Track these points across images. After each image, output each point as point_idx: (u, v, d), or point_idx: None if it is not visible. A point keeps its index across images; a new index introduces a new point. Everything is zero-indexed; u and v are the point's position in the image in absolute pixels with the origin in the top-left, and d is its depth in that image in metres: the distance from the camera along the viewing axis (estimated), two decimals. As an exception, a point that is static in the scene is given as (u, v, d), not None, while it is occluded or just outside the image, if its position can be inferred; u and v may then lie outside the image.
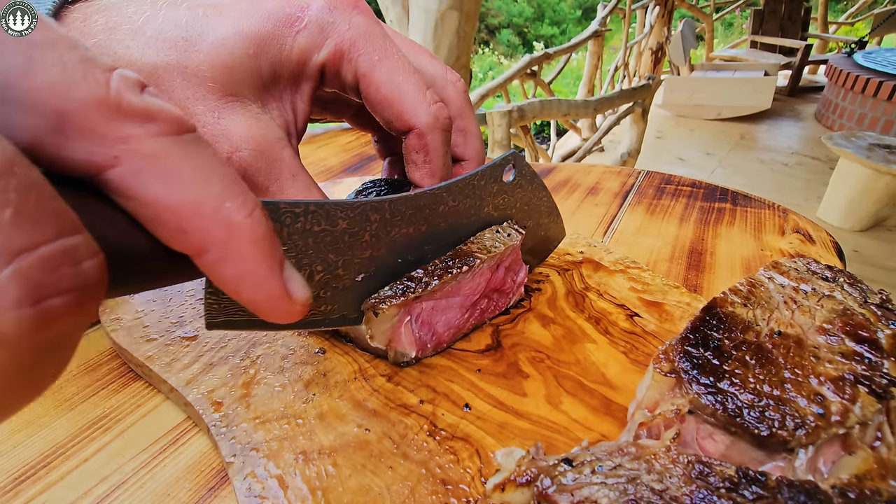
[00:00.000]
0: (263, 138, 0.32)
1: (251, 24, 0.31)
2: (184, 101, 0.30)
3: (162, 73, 0.30)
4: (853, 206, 2.92)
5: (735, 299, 0.35)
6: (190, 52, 0.30)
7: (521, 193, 0.43)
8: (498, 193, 0.41)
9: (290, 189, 0.33)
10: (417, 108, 0.33)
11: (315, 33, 0.32)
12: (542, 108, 2.86)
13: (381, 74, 0.33)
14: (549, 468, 0.26)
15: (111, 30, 0.30)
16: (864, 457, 0.25)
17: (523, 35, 11.90)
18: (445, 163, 0.36)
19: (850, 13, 7.96)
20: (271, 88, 0.33)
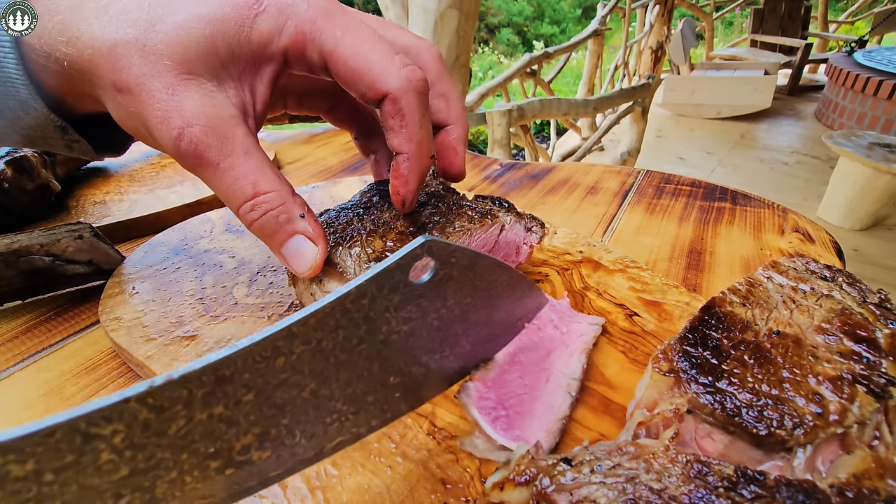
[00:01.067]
0: (216, 115, 0.32)
1: (209, 7, 0.32)
2: (140, 77, 0.31)
3: (120, 49, 0.31)
4: (853, 206, 2.92)
5: (734, 299, 0.35)
6: (149, 31, 0.31)
7: (453, 286, 0.29)
8: (403, 304, 0.26)
9: (242, 166, 0.33)
10: (388, 73, 0.33)
11: (275, 16, 0.32)
12: (541, 108, 2.86)
13: (347, 48, 0.33)
14: (549, 467, 0.26)
15: (76, 8, 0.31)
16: (863, 456, 0.25)
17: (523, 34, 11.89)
18: (423, 126, 0.35)
19: (851, 12, 7.95)
20: (229, 68, 0.33)
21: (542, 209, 0.69)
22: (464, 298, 0.30)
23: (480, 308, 0.31)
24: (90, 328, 0.47)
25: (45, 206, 0.66)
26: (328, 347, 0.24)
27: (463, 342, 0.31)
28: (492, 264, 0.31)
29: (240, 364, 0.21)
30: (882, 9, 6.77)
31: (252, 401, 0.22)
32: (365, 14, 0.38)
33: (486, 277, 0.31)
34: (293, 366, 0.23)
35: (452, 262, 0.28)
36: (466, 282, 0.29)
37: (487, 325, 0.33)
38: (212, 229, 0.58)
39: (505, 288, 0.32)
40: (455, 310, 0.29)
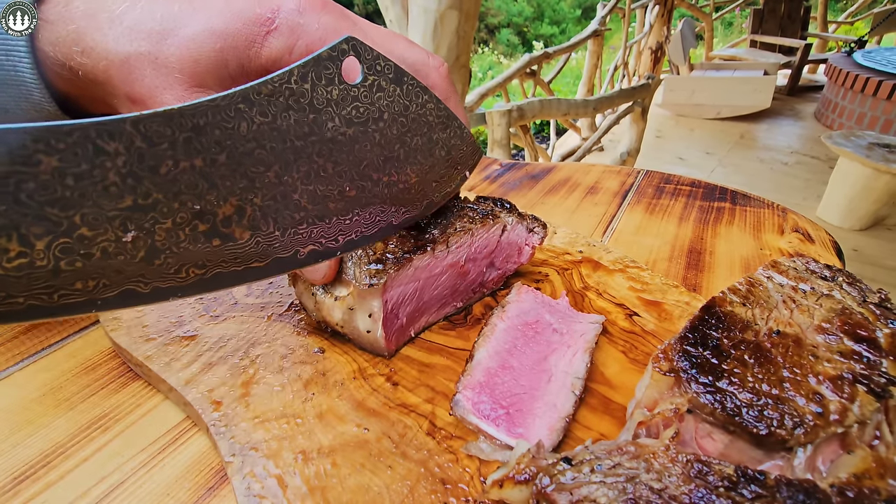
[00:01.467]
0: None
1: (220, 22, 0.32)
2: (152, 90, 0.32)
3: (134, 61, 0.32)
4: (853, 206, 2.92)
5: (734, 298, 0.35)
6: (162, 44, 0.32)
7: (385, 100, 0.32)
8: (342, 102, 0.31)
9: None
10: None
11: (286, 35, 0.33)
12: (541, 108, 2.85)
13: None
14: (549, 467, 0.26)
15: (90, 17, 0.32)
16: (863, 456, 0.25)
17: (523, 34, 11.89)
18: None
19: (850, 12, 7.96)
20: (238, 82, 0.33)
21: (542, 209, 0.69)
22: (398, 117, 0.34)
23: (416, 135, 0.35)
24: (90, 328, 0.47)
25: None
26: (283, 127, 0.29)
27: (408, 170, 0.35)
28: (418, 86, 0.34)
29: (210, 116, 0.26)
30: (881, 9, 6.78)
31: (225, 163, 0.27)
32: (376, 28, 0.39)
33: (416, 101, 0.35)
34: (255, 137, 0.28)
35: (378, 69, 0.32)
36: (397, 99, 0.33)
37: (427, 157, 0.37)
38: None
39: (437, 121, 0.36)
40: (392, 129, 0.34)
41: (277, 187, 0.29)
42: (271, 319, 0.43)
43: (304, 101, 0.29)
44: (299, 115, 0.29)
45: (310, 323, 0.43)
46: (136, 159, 0.24)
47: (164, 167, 0.25)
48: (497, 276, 0.47)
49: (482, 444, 0.32)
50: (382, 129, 0.33)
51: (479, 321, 0.44)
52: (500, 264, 0.47)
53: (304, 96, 0.29)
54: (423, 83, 0.35)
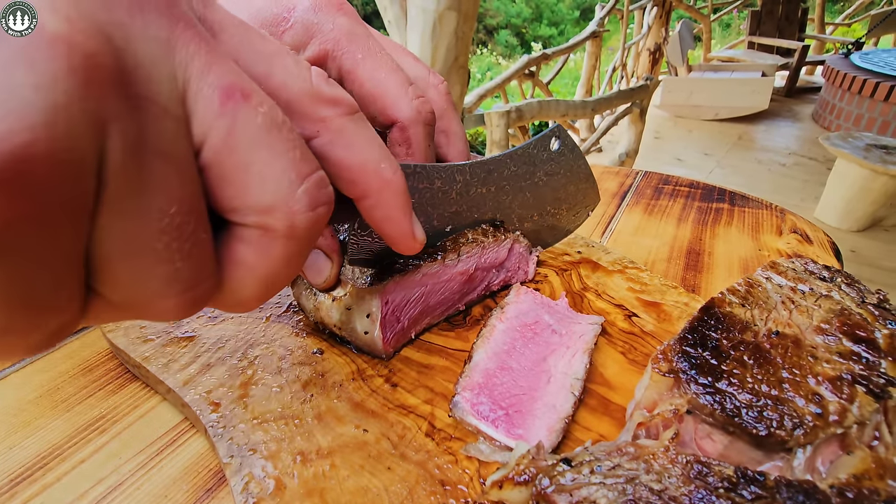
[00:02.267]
0: None
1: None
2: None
3: None
4: (850, 207, 2.93)
5: (733, 299, 0.35)
6: None
7: (565, 161, 0.48)
8: (546, 161, 0.46)
9: None
10: (400, 103, 0.34)
11: (300, 33, 0.33)
12: (540, 109, 2.86)
13: (365, 71, 0.34)
14: (548, 468, 0.26)
15: None
16: (862, 456, 0.25)
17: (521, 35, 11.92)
18: (427, 156, 0.37)
19: (847, 14, 7.99)
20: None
21: (541, 210, 0.69)
22: (566, 172, 0.48)
23: (570, 183, 0.50)
24: (88, 329, 0.47)
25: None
26: (515, 171, 0.44)
27: (562, 207, 0.51)
28: (579, 153, 0.49)
29: (490, 166, 0.42)
30: (878, 11, 6.81)
31: (485, 193, 0.43)
32: (386, 39, 0.39)
33: (577, 162, 0.49)
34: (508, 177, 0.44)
35: (567, 144, 0.47)
36: (569, 161, 0.48)
37: (574, 199, 0.51)
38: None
39: (583, 175, 0.50)
40: (563, 179, 0.49)
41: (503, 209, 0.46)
42: (270, 321, 0.43)
43: (532, 158, 0.45)
44: (527, 167, 0.45)
45: (308, 324, 0.43)
46: (465, 185, 0.41)
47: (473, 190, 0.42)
48: (501, 282, 0.48)
49: (481, 445, 0.32)
50: (557, 180, 0.48)
51: (478, 322, 0.44)
52: (505, 275, 0.48)
53: (531, 156, 0.45)
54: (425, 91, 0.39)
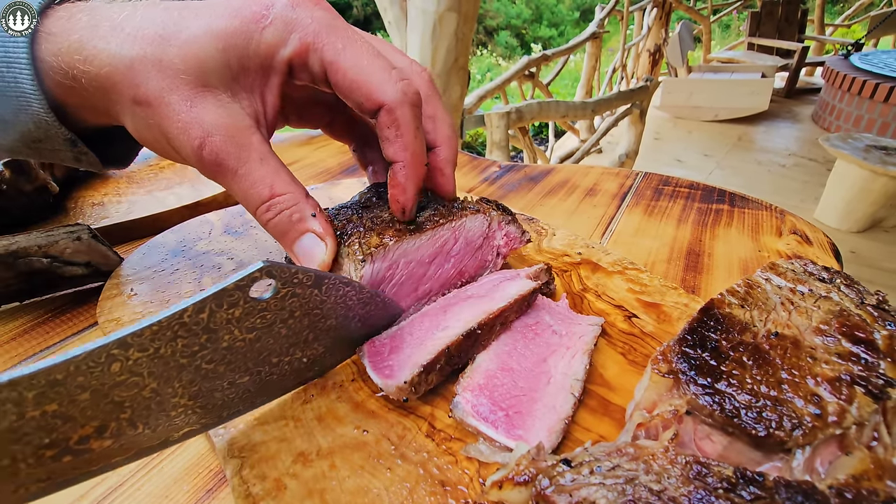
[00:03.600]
0: (233, 125, 0.34)
1: (220, 22, 0.33)
2: (159, 91, 0.33)
3: (138, 65, 0.32)
4: (850, 208, 2.93)
5: (732, 300, 0.35)
6: (165, 46, 0.32)
7: (300, 301, 0.31)
8: (245, 317, 0.29)
9: (259, 171, 0.35)
10: (385, 86, 0.35)
11: (280, 29, 0.34)
12: (540, 110, 2.86)
13: (347, 60, 0.35)
14: (548, 468, 0.26)
15: (93, 27, 0.33)
16: (861, 457, 0.25)
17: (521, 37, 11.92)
18: (417, 136, 0.37)
19: (847, 15, 7.99)
20: (241, 80, 0.34)
21: (541, 210, 0.69)
22: (312, 310, 0.32)
23: (331, 318, 0.34)
24: (88, 330, 0.47)
25: (43, 207, 0.65)
26: (167, 354, 0.26)
27: (315, 346, 0.34)
28: (339, 282, 0.33)
29: (72, 369, 0.23)
30: (878, 12, 6.81)
31: (88, 399, 0.24)
32: (368, 34, 0.40)
33: (335, 294, 0.33)
34: (130, 369, 0.25)
35: (295, 281, 0.30)
36: (313, 297, 0.32)
37: (341, 330, 0.36)
38: (210, 231, 0.58)
39: (357, 302, 0.36)
40: (303, 320, 0.32)
41: (153, 399, 0.27)
42: (270, 321, 0.43)
43: (198, 327, 0.27)
44: (189, 339, 0.27)
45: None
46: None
47: (6, 423, 0.22)
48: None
49: (481, 445, 0.32)
50: (291, 325, 0.32)
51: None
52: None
53: (198, 324, 0.27)
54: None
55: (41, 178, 0.63)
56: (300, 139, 1.00)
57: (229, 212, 0.62)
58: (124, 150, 0.44)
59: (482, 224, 0.45)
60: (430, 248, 0.41)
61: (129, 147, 0.44)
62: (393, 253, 0.39)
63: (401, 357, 0.36)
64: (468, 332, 0.36)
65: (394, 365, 0.35)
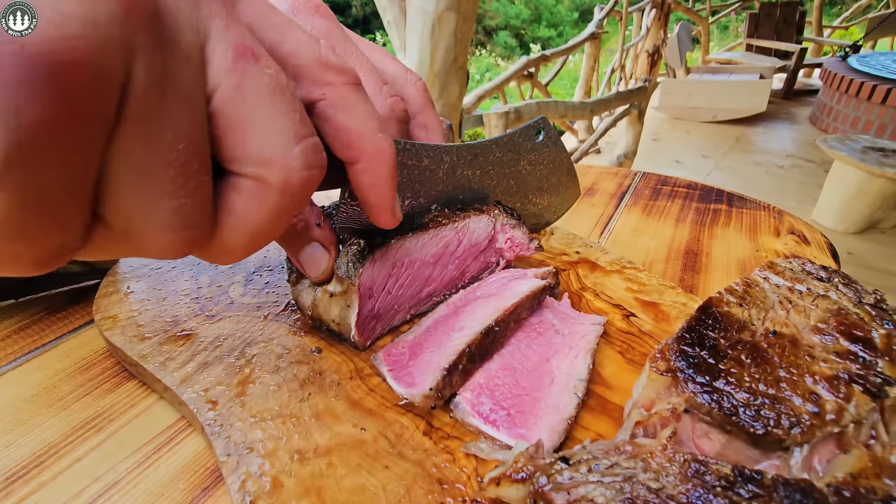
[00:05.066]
0: None
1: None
2: None
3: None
4: (847, 209, 2.94)
5: (731, 299, 0.35)
6: None
7: (548, 153, 0.50)
8: (531, 150, 0.48)
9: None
10: (374, 101, 0.35)
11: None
12: (539, 110, 2.86)
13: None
14: (546, 466, 0.26)
15: None
16: (859, 455, 0.25)
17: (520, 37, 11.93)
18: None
19: (845, 17, 8.02)
20: None
21: (540, 210, 0.69)
22: (549, 163, 0.51)
23: (553, 174, 0.52)
24: (84, 327, 0.47)
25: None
26: (494, 160, 0.46)
27: (544, 196, 0.53)
28: (562, 147, 0.51)
29: (477, 150, 0.44)
30: (876, 14, 6.84)
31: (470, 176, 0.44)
32: (363, 40, 0.40)
33: (561, 155, 0.51)
34: (493, 162, 0.46)
35: (550, 135, 0.49)
36: (553, 152, 0.51)
37: (556, 190, 0.54)
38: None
39: (566, 168, 0.53)
40: (546, 169, 0.51)
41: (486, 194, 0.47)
42: (267, 319, 0.43)
43: (516, 146, 0.47)
44: (512, 154, 0.47)
45: (306, 323, 0.43)
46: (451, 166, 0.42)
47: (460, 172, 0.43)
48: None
49: (482, 444, 0.32)
50: (540, 170, 0.50)
51: (476, 321, 0.44)
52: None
53: (516, 144, 0.47)
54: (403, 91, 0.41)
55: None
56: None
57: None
58: None
59: (486, 226, 0.45)
60: (432, 248, 0.41)
61: None
62: (395, 252, 0.39)
63: (420, 363, 0.35)
64: (487, 329, 0.36)
65: (414, 372, 0.35)
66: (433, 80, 1.87)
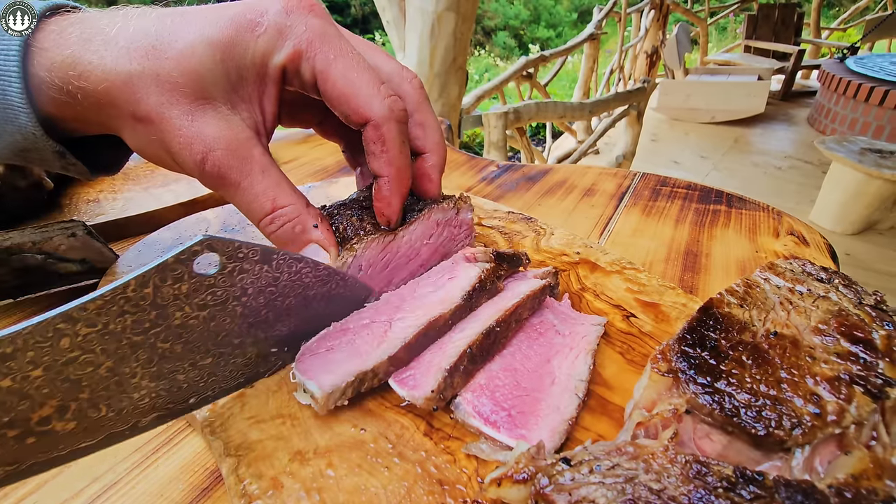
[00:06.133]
0: (234, 138, 0.34)
1: (216, 31, 0.33)
2: (159, 107, 0.32)
3: (136, 80, 0.32)
4: (845, 210, 2.95)
5: (731, 300, 0.35)
6: (160, 59, 0.32)
7: (250, 278, 0.31)
8: (194, 293, 0.28)
9: (261, 184, 0.35)
10: (372, 101, 0.35)
11: (274, 36, 0.34)
12: (537, 110, 2.86)
13: (337, 71, 0.35)
14: (547, 467, 0.25)
15: (86, 41, 0.32)
16: (860, 456, 0.25)
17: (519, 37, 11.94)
18: (402, 151, 0.38)
19: (843, 19, 8.05)
20: (239, 90, 0.35)
21: (539, 210, 0.69)
22: (266, 288, 0.32)
23: (288, 297, 0.33)
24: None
25: (38, 204, 0.65)
26: (117, 329, 0.26)
27: (279, 326, 0.34)
28: (290, 259, 0.33)
29: (20, 343, 0.23)
30: (873, 16, 6.86)
31: (42, 376, 0.24)
32: (358, 38, 0.40)
33: (288, 271, 0.33)
34: (81, 346, 0.25)
35: (241, 256, 0.30)
36: (264, 274, 0.31)
37: (304, 310, 0.35)
38: (207, 228, 0.57)
39: (315, 280, 0.35)
40: (259, 298, 0.32)
41: (110, 378, 0.27)
42: (267, 319, 0.43)
43: (145, 302, 0.27)
44: (138, 315, 0.27)
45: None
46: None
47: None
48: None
49: (482, 444, 0.32)
50: (246, 303, 0.31)
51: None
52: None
53: (144, 299, 0.27)
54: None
55: (36, 174, 0.63)
56: (297, 137, 1.00)
57: (226, 209, 0.61)
58: (113, 157, 0.43)
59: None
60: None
61: (119, 154, 0.43)
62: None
63: (421, 364, 0.35)
64: (487, 330, 0.36)
65: (416, 374, 0.34)
66: (432, 80, 1.87)
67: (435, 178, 0.43)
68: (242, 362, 0.33)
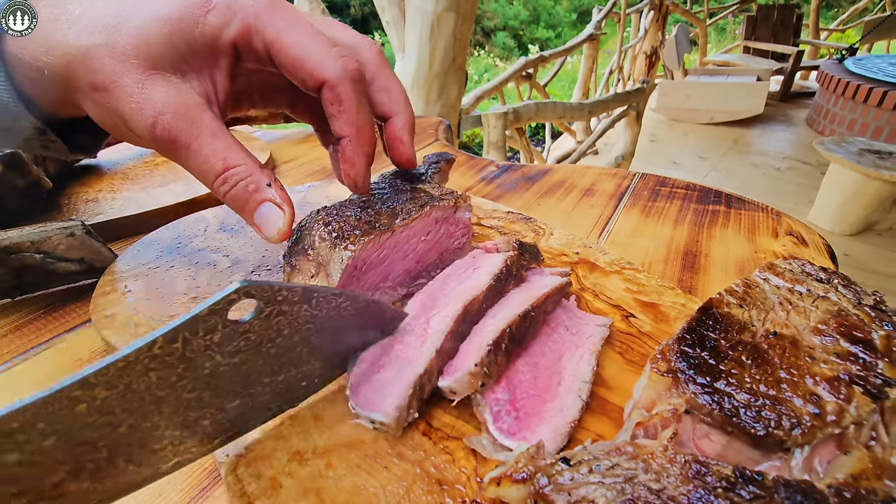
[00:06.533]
0: (183, 103, 0.35)
1: (166, 9, 0.35)
2: (112, 76, 0.34)
3: (93, 52, 0.34)
4: (844, 211, 2.95)
5: (731, 300, 0.35)
6: (116, 35, 0.34)
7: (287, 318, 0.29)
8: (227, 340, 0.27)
9: (211, 145, 0.36)
10: (325, 62, 0.36)
11: (223, 12, 0.35)
12: (537, 111, 2.86)
13: (288, 38, 0.36)
14: (547, 467, 0.25)
15: (53, 21, 0.36)
16: (860, 456, 0.25)
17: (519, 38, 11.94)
18: (360, 111, 0.38)
19: (842, 20, 8.06)
20: (189, 62, 0.36)
21: (539, 210, 0.69)
22: (302, 326, 0.30)
23: (325, 332, 0.31)
24: (81, 326, 0.46)
25: (36, 203, 0.65)
26: (141, 388, 0.24)
27: (312, 361, 0.32)
28: (330, 295, 0.30)
29: (29, 416, 0.21)
30: (872, 17, 6.87)
31: (54, 444, 0.22)
32: (308, 13, 0.41)
33: (328, 306, 0.31)
34: (99, 409, 0.23)
35: (280, 299, 0.28)
36: (303, 313, 0.29)
37: (339, 343, 0.34)
38: (206, 228, 0.57)
39: (353, 312, 0.33)
40: (294, 337, 0.30)
41: (131, 435, 0.25)
42: (266, 319, 0.43)
43: (173, 357, 0.25)
44: (164, 371, 0.25)
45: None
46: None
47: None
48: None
49: (484, 440, 0.32)
50: (281, 343, 0.29)
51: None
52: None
53: (172, 354, 0.24)
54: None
55: (34, 173, 0.63)
56: (297, 137, 1.00)
57: (225, 209, 0.61)
58: (91, 139, 0.46)
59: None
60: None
61: (96, 136, 0.46)
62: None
63: (460, 355, 0.36)
64: (524, 312, 0.37)
65: (456, 363, 0.35)
66: (432, 81, 1.87)
67: (406, 139, 0.44)
68: (272, 398, 0.31)
